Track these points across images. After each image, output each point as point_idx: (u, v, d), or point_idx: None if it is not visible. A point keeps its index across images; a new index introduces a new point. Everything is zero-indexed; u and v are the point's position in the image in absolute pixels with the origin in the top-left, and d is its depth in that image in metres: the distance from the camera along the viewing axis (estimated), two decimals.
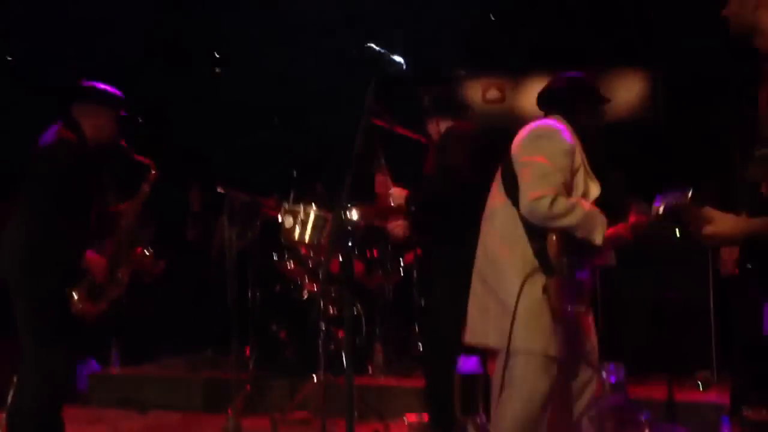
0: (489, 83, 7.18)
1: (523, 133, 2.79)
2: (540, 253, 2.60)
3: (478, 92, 7.18)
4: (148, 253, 3.49)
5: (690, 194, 2.29)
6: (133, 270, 3.45)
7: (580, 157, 2.74)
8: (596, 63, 6.75)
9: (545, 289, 2.58)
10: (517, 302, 2.56)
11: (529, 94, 6.87)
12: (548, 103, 2.93)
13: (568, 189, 2.66)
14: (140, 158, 3.51)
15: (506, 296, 2.62)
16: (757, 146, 2.25)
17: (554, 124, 2.77)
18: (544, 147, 2.68)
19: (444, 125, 3.88)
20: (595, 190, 2.80)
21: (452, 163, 3.62)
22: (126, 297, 5.77)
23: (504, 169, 2.80)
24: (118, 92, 3.43)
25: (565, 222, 2.58)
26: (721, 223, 2.18)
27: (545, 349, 2.61)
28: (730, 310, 4.19)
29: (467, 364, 1.88)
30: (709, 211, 2.18)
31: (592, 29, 6.34)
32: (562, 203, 2.57)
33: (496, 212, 2.79)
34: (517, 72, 7.11)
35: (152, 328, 6.19)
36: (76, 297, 3.18)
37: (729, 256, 3.47)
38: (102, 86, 3.40)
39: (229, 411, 4.36)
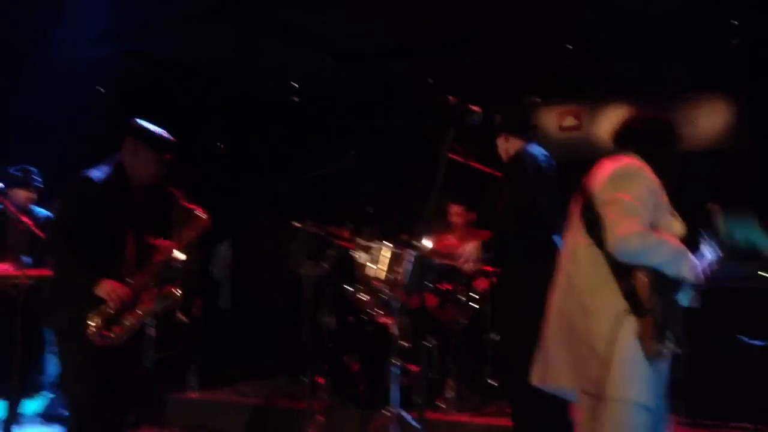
0: (565, 111, 7.09)
1: (605, 172, 2.74)
2: (629, 294, 2.55)
3: (554, 120, 7.11)
4: (178, 293, 3.44)
5: None
6: (161, 306, 3.41)
7: (664, 196, 2.70)
8: (675, 89, 6.61)
9: (639, 333, 2.52)
10: (611, 348, 2.51)
11: (606, 122, 6.76)
12: (624, 141, 2.87)
13: (653, 227, 2.60)
14: (191, 206, 3.52)
15: (595, 341, 2.58)
16: None
17: (635, 161, 2.72)
18: (630, 185, 2.64)
19: (514, 144, 3.85)
20: (678, 228, 2.75)
21: (524, 191, 3.59)
22: (203, 321, 6.00)
23: (584, 207, 2.74)
24: (166, 135, 3.45)
25: (656, 258, 2.53)
26: None
27: (639, 397, 2.54)
28: None
29: None
30: None
31: (670, 54, 6.18)
32: (652, 239, 2.53)
33: (578, 252, 2.74)
34: (593, 99, 7.00)
35: (228, 353, 6.36)
36: (92, 324, 3.19)
37: None
38: (149, 126, 3.44)
39: None
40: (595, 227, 2.65)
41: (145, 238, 3.46)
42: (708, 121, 6.64)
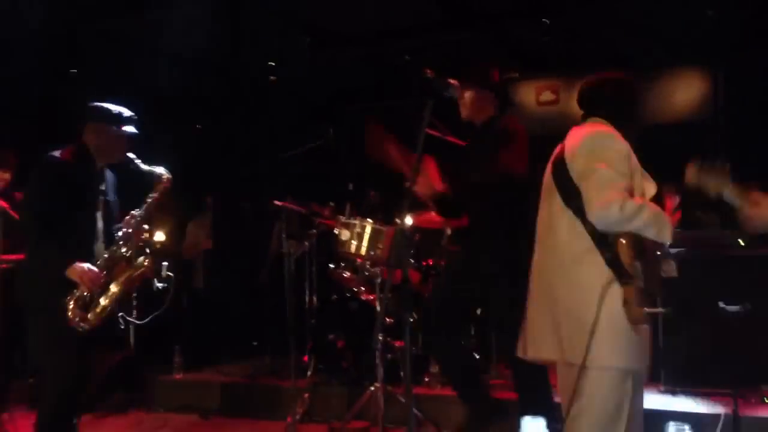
0: (542, 85, 7.12)
1: (575, 140, 2.73)
2: (613, 261, 2.57)
3: (532, 95, 7.14)
4: (148, 262, 3.44)
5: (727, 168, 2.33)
6: (133, 281, 3.40)
7: (634, 159, 2.71)
8: (653, 62, 6.65)
9: (625, 301, 2.54)
10: (597, 318, 2.53)
11: None
12: (588, 105, 2.88)
13: (630, 192, 2.62)
14: (150, 168, 3.50)
15: (581, 311, 2.59)
16: None
17: (606, 128, 2.73)
18: (602, 153, 2.64)
19: (469, 93, 3.78)
20: (651, 189, 2.76)
21: (516, 169, 3.58)
22: (187, 304, 5.98)
23: (558, 177, 2.74)
24: (124, 111, 3.46)
25: (637, 223, 2.54)
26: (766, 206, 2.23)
27: (624, 363, 2.59)
28: None
29: None
30: (756, 194, 2.27)
31: (648, 28, 6.21)
32: (631, 205, 2.54)
33: (556, 223, 2.74)
34: (571, 73, 7.03)
35: (213, 334, 6.36)
36: (68, 309, 3.21)
37: None
38: (106, 105, 3.45)
39: (288, 418, 4.43)
40: (573, 198, 2.66)
41: (114, 215, 3.48)
42: (684, 93, 6.71)
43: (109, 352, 3.62)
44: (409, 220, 4.64)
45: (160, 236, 6.00)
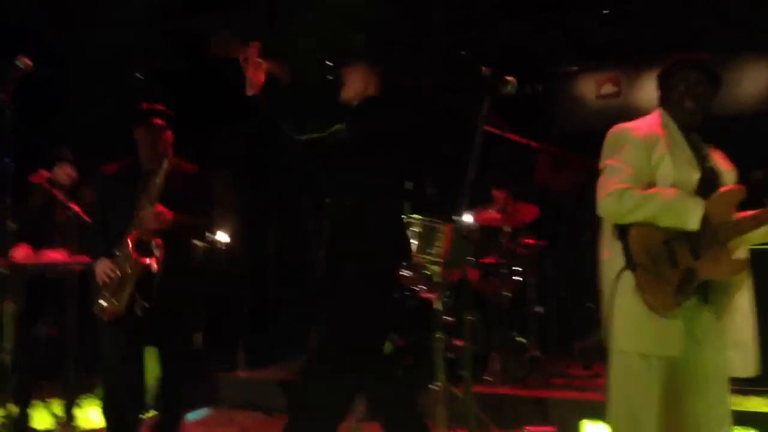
0: (603, 78, 6.96)
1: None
2: (624, 249, 2.61)
3: (592, 88, 6.98)
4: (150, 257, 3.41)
5: None
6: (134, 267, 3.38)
7: (664, 146, 2.63)
8: (719, 51, 6.41)
9: (638, 287, 2.57)
10: (611, 303, 2.60)
11: (648, 88, 6.61)
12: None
13: (649, 181, 2.62)
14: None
15: (606, 298, 2.67)
16: None
17: (626, 124, 2.74)
18: (613, 149, 2.70)
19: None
20: (694, 175, 2.63)
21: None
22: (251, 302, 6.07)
23: None
24: (147, 105, 3.50)
25: (640, 214, 2.56)
26: None
27: (637, 348, 2.58)
28: None
29: None
30: None
31: (713, 15, 6.02)
32: (632, 196, 2.56)
33: (603, 220, 2.80)
34: (633, 65, 6.85)
35: (275, 331, 6.46)
36: (95, 303, 3.42)
37: None
38: (140, 106, 3.51)
39: (351, 416, 4.46)
40: None
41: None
42: (752, 83, 6.47)
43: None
44: (468, 218, 4.63)
45: (223, 237, 6.13)
